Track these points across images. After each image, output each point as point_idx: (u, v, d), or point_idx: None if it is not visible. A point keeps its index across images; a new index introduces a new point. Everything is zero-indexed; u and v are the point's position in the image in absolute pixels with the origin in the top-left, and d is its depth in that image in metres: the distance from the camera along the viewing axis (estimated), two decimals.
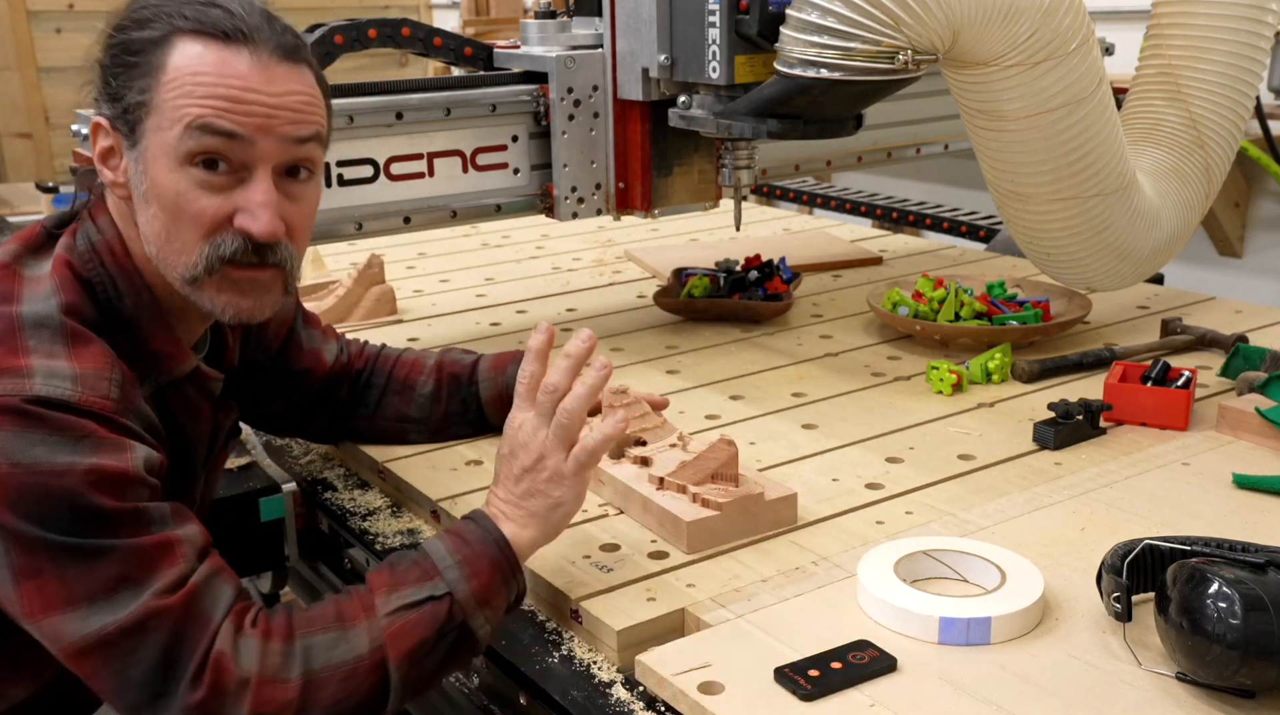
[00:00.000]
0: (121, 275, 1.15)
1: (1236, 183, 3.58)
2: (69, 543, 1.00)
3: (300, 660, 1.04)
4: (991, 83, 1.66)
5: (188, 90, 1.08)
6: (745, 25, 1.63)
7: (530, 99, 1.84)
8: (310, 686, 1.03)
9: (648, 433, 1.46)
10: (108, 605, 1.00)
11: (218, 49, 1.09)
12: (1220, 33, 1.82)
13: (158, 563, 1.02)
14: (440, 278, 2.53)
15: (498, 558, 1.12)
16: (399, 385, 1.57)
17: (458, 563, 1.11)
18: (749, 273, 2.19)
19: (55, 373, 1.04)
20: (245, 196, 1.11)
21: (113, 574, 1.01)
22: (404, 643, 1.07)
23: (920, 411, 1.68)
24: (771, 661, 1.04)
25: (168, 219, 1.11)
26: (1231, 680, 0.95)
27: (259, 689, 1.01)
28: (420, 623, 1.08)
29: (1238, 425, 1.54)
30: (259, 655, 1.03)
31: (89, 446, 1.02)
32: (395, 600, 1.08)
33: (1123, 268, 1.89)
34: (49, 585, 1.00)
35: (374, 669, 1.06)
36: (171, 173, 1.09)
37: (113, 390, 1.06)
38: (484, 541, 1.13)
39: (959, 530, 1.30)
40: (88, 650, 1.01)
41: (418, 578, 1.10)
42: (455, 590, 1.09)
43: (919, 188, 4.33)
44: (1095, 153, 1.72)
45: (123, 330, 1.14)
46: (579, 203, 1.89)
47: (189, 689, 1.00)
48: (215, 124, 1.08)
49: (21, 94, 5.36)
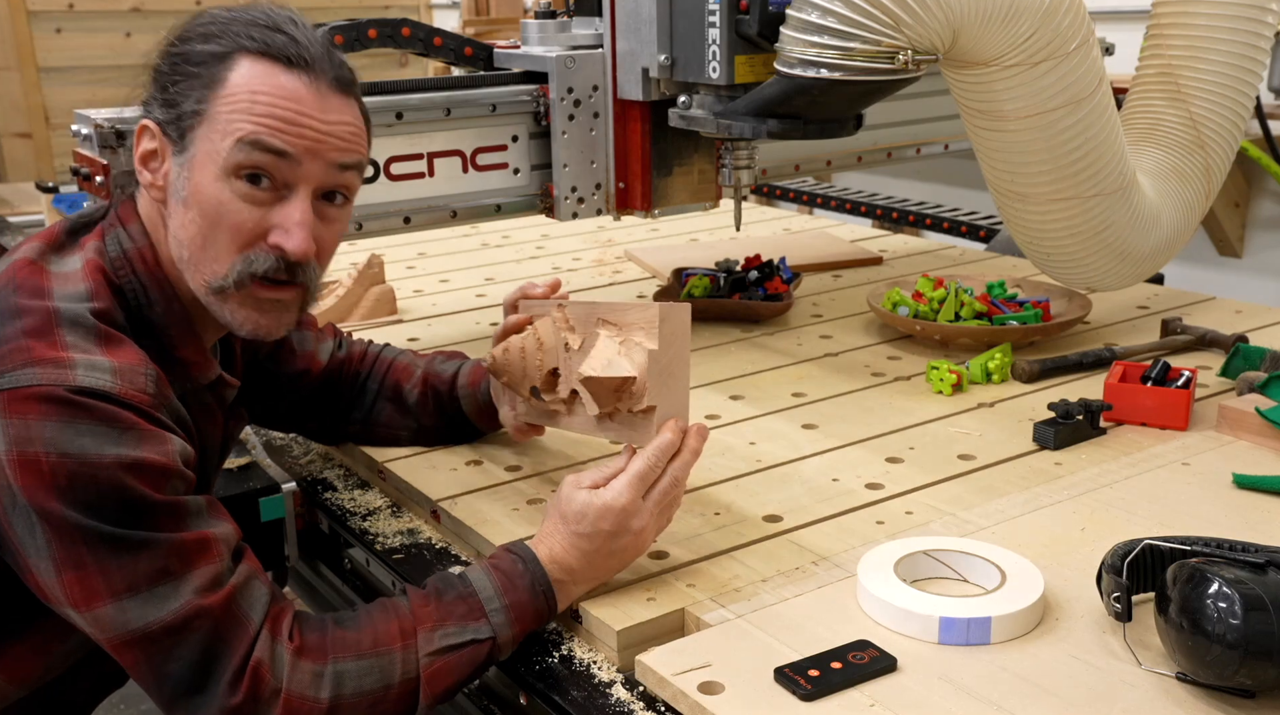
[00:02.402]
0: (153, 283, 1.18)
1: (1236, 183, 3.58)
2: (114, 534, 1.02)
3: (331, 684, 1.06)
4: (991, 83, 1.66)
5: (245, 106, 1.12)
6: (745, 25, 1.63)
7: (530, 99, 1.84)
8: (337, 709, 1.06)
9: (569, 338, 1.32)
10: (148, 599, 1.03)
11: (278, 72, 1.13)
12: (1220, 33, 1.82)
13: (196, 559, 1.05)
14: (440, 278, 2.53)
15: (542, 610, 1.14)
16: (390, 391, 1.57)
17: (504, 607, 1.12)
18: (749, 273, 2.19)
19: (95, 366, 1.06)
20: (283, 214, 1.14)
21: (154, 568, 1.03)
22: (441, 682, 1.09)
23: (920, 411, 1.68)
24: (771, 661, 1.04)
25: (205, 225, 1.14)
26: (1231, 680, 0.95)
27: (288, 702, 1.04)
28: (461, 664, 1.10)
29: (1238, 425, 1.54)
30: (290, 671, 1.05)
31: (133, 438, 1.04)
32: (439, 639, 1.10)
33: (1123, 268, 1.89)
34: (91, 576, 1.02)
35: (403, 698, 1.08)
36: (216, 182, 1.12)
37: (149, 385, 1.09)
38: (532, 590, 1.14)
39: (959, 530, 1.30)
40: (130, 643, 1.03)
41: (463, 615, 1.11)
42: (498, 634, 1.11)
43: (919, 188, 4.33)
44: (1095, 153, 1.72)
45: (151, 337, 1.17)
46: (579, 203, 1.89)
47: (228, 691, 1.03)
48: (266, 141, 1.12)
49: (21, 94, 5.36)
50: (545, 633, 1.20)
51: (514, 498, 1.43)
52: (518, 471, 1.51)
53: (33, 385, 1.03)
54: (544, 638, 1.19)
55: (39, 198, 3.79)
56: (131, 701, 2.81)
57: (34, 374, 1.03)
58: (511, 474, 1.50)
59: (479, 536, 1.34)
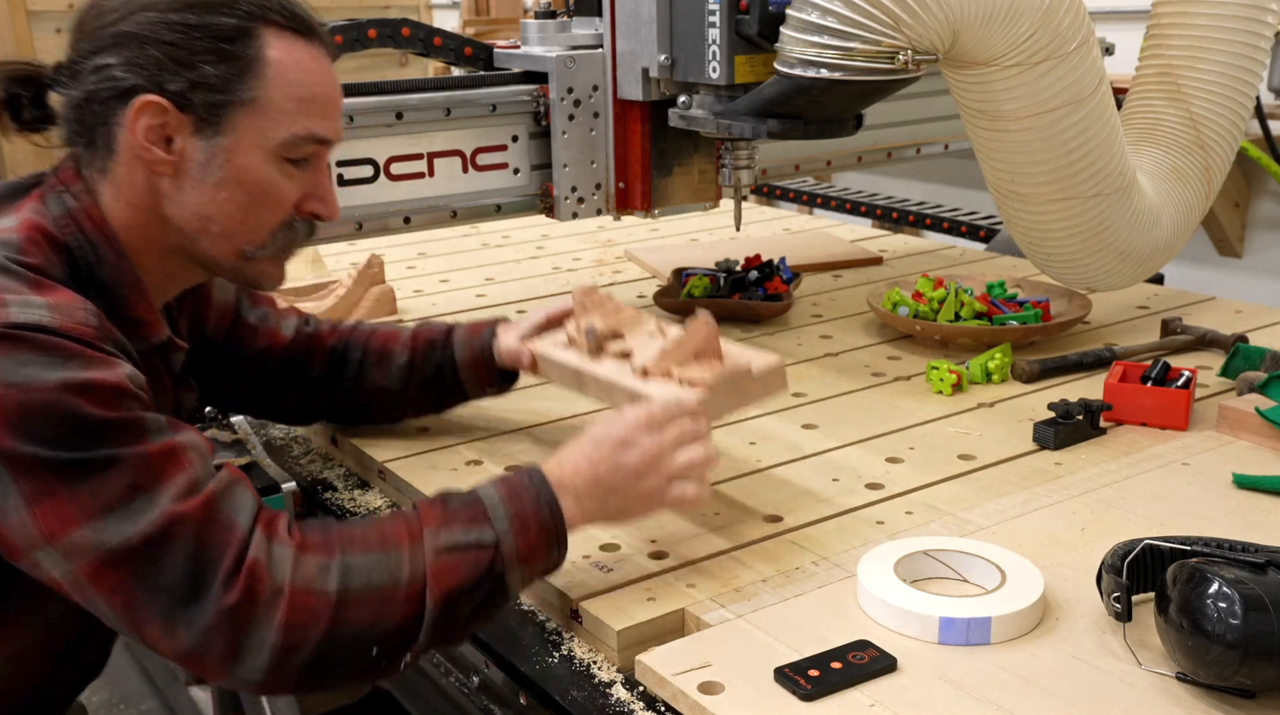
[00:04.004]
0: (102, 241, 1.16)
1: (1236, 183, 3.58)
2: (76, 458, 0.99)
3: (338, 576, 1.04)
4: (991, 83, 1.66)
5: (297, 94, 1.16)
6: (745, 25, 1.63)
7: (530, 99, 1.84)
8: (345, 604, 1.03)
9: (624, 326, 1.44)
10: (124, 515, 1.00)
11: (304, 45, 1.18)
12: (1220, 33, 1.82)
13: (166, 469, 1.02)
14: (440, 278, 2.53)
15: (547, 522, 1.13)
16: (376, 357, 1.55)
17: (508, 515, 1.11)
18: (749, 273, 2.19)
19: (29, 303, 1.04)
20: (315, 183, 1.22)
21: (124, 483, 1.00)
22: (445, 581, 1.07)
23: (920, 411, 1.68)
24: (771, 661, 1.04)
25: (249, 202, 1.18)
26: (1231, 680, 0.95)
27: (293, 598, 1.02)
28: (464, 565, 1.08)
29: (1238, 425, 1.54)
30: (293, 565, 1.03)
31: (79, 363, 1.02)
32: (444, 537, 1.08)
33: (1123, 268, 1.89)
34: (62, 503, 0.99)
35: (410, 599, 1.06)
36: (265, 164, 1.17)
37: (90, 318, 1.07)
38: (537, 502, 1.13)
39: (959, 530, 1.30)
40: (112, 562, 1.00)
41: (468, 520, 1.10)
42: (502, 542, 1.10)
43: (919, 188, 4.34)
44: (1095, 153, 1.72)
45: (102, 296, 1.14)
46: (579, 203, 1.89)
47: (222, 593, 1.00)
48: (321, 135, 1.19)
49: None
50: (545, 633, 1.20)
51: None
52: None
53: None
54: (544, 638, 1.19)
55: None
56: (132, 701, 2.81)
57: None
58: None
59: None
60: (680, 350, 1.33)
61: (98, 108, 1.15)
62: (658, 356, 1.34)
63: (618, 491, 1.17)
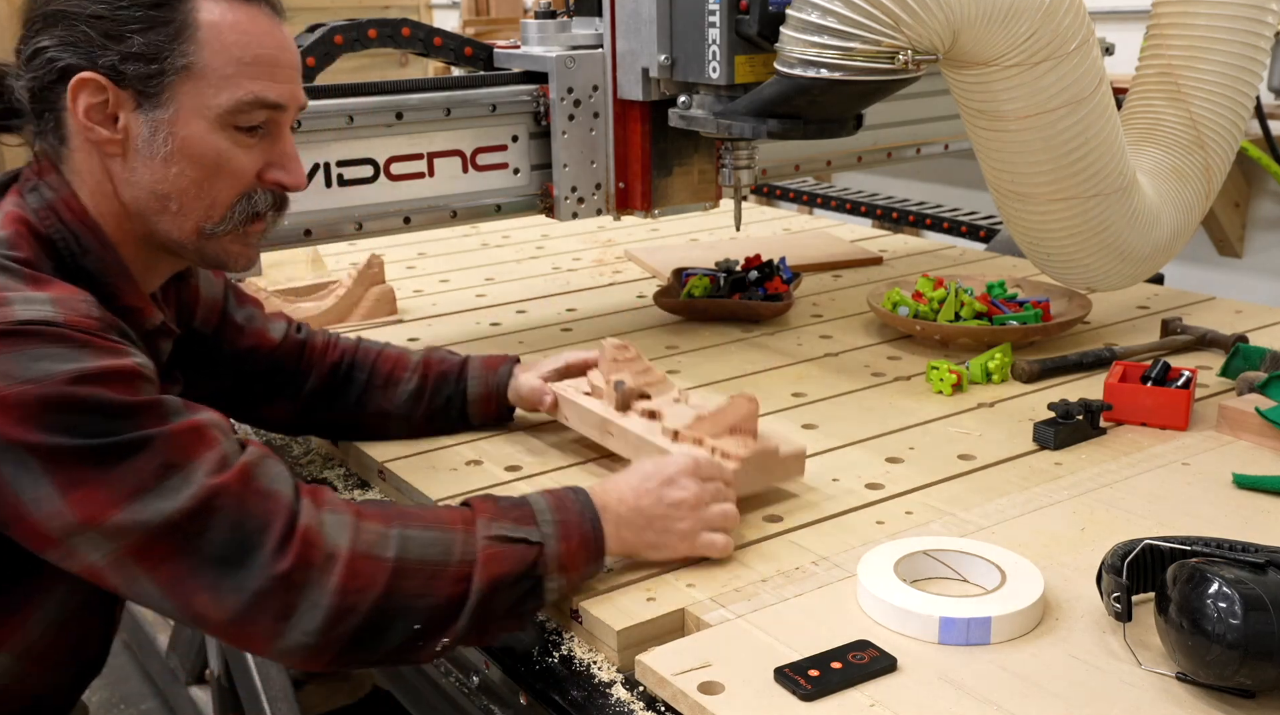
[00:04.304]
0: (84, 230, 1.16)
1: (1236, 183, 3.58)
2: (104, 443, 1.00)
3: (396, 545, 1.06)
4: (991, 83, 1.66)
5: (235, 55, 1.12)
6: (745, 25, 1.63)
7: (530, 99, 1.84)
8: (400, 573, 1.05)
9: (651, 387, 1.49)
10: (160, 493, 1.00)
11: (241, 7, 1.14)
12: (1220, 33, 1.82)
13: (195, 447, 1.03)
14: (440, 278, 2.53)
15: (589, 535, 1.16)
16: (382, 381, 1.56)
17: (554, 522, 1.14)
18: (749, 273, 2.19)
19: (31, 300, 1.04)
20: (276, 151, 1.19)
21: (156, 463, 1.01)
22: (493, 569, 1.09)
23: (920, 411, 1.68)
24: (771, 661, 1.04)
25: (201, 176, 1.15)
26: (1231, 680, 0.95)
27: (351, 563, 1.03)
28: (511, 557, 1.10)
29: (1238, 425, 1.54)
30: (352, 532, 1.05)
31: (90, 353, 1.02)
32: (495, 529, 1.11)
33: (1123, 268, 1.89)
34: (97, 488, 0.99)
35: (458, 580, 1.07)
36: (212, 134, 1.14)
37: (92, 309, 1.07)
38: (581, 516, 1.16)
39: (959, 530, 1.30)
40: (156, 538, 1.00)
41: (517, 519, 1.13)
42: (546, 545, 1.12)
43: (919, 188, 4.34)
44: (1095, 153, 1.72)
45: (89, 286, 1.13)
46: (579, 203, 1.89)
47: (273, 560, 1.01)
48: (267, 98, 1.15)
49: None
50: (545, 633, 1.20)
51: None
52: (518, 472, 1.51)
53: None
54: (544, 638, 1.19)
55: None
56: (132, 701, 2.81)
57: None
58: (511, 474, 1.50)
59: None
60: (717, 421, 1.38)
61: (44, 93, 1.14)
62: (694, 422, 1.38)
63: (655, 526, 1.20)
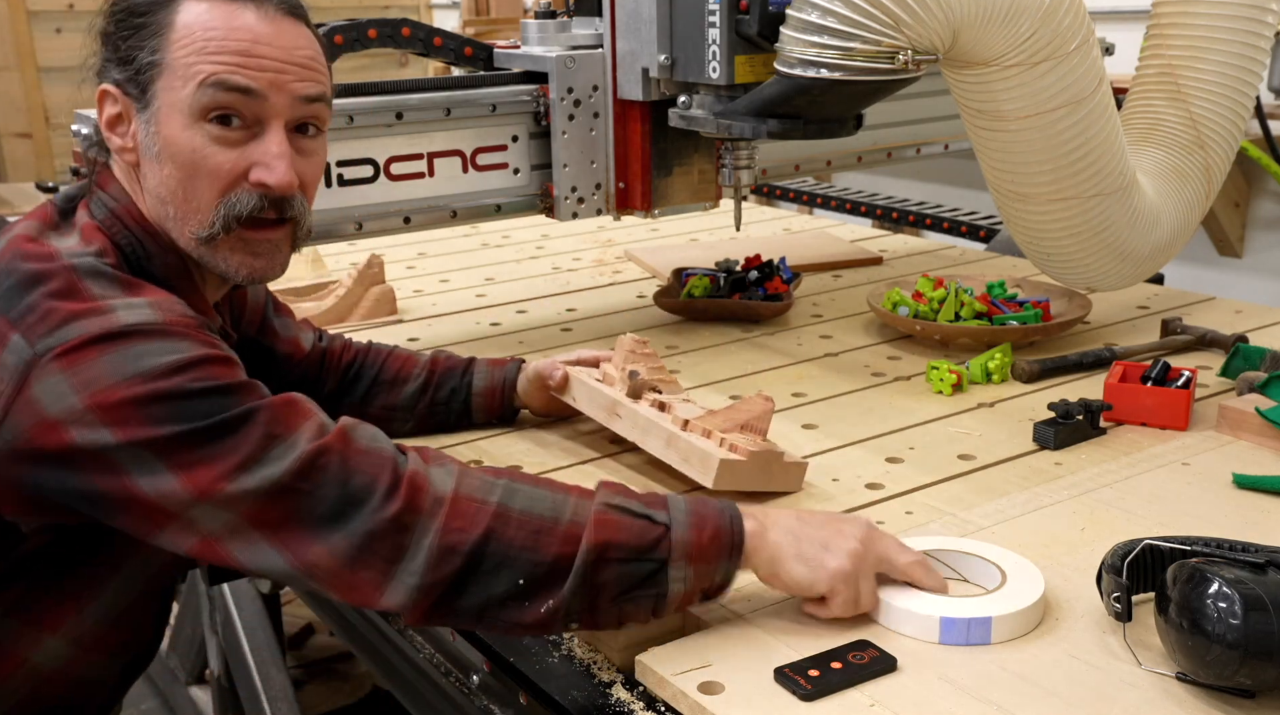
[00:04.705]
0: (146, 237, 1.18)
1: (1236, 183, 3.58)
2: (210, 423, 1.02)
3: (502, 492, 1.05)
4: (991, 83, 1.66)
5: (199, 46, 1.11)
6: (745, 25, 1.63)
7: (530, 99, 1.84)
8: (503, 518, 1.03)
9: (662, 386, 1.51)
10: (265, 462, 1.02)
11: (222, 5, 1.13)
12: (1220, 33, 1.82)
13: (293, 418, 1.05)
14: (440, 278, 2.53)
15: (725, 530, 1.08)
16: (390, 377, 1.57)
17: (687, 511, 1.08)
18: (749, 273, 2.19)
19: (133, 306, 1.07)
20: (261, 149, 1.14)
21: (260, 435, 1.03)
22: (605, 532, 1.04)
23: (920, 411, 1.68)
24: (771, 661, 1.04)
25: (183, 177, 1.14)
26: (1231, 680, 0.95)
27: (455, 503, 1.03)
28: (628, 528, 1.05)
29: (1238, 425, 1.54)
30: (458, 478, 1.05)
31: (190, 344, 1.05)
32: (616, 500, 1.07)
33: (1123, 268, 1.89)
34: (210, 464, 1.02)
35: (566, 540, 1.04)
36: (186, 129, 1.12)
37: (187, 309, 1.11)
38: (720, 512, 1.09)
39: (959, 530, 1.30)
40: (269, 502, 1.02)
41: (647, 500, 1.09)
42: (674, 528, 1.06)
43: (919, 188, 4.33)
44: (1095, 153, 1.72)
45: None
46: (579, 203, 1.89)
47: (382, 504, 1.02)
48: (230, 79, 1.11)
49: (21, 94, 5.36)
50: None
51: None
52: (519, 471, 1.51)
53: (83, 336, 1.03)
54: (544, 638, 1.19)
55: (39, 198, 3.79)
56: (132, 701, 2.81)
57: (79, 327, 1.04)
58: None
59: None
60: (730, 416, 1.40)
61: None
62: (706, 415, 1.40)
63: (811, 538, 1.10)
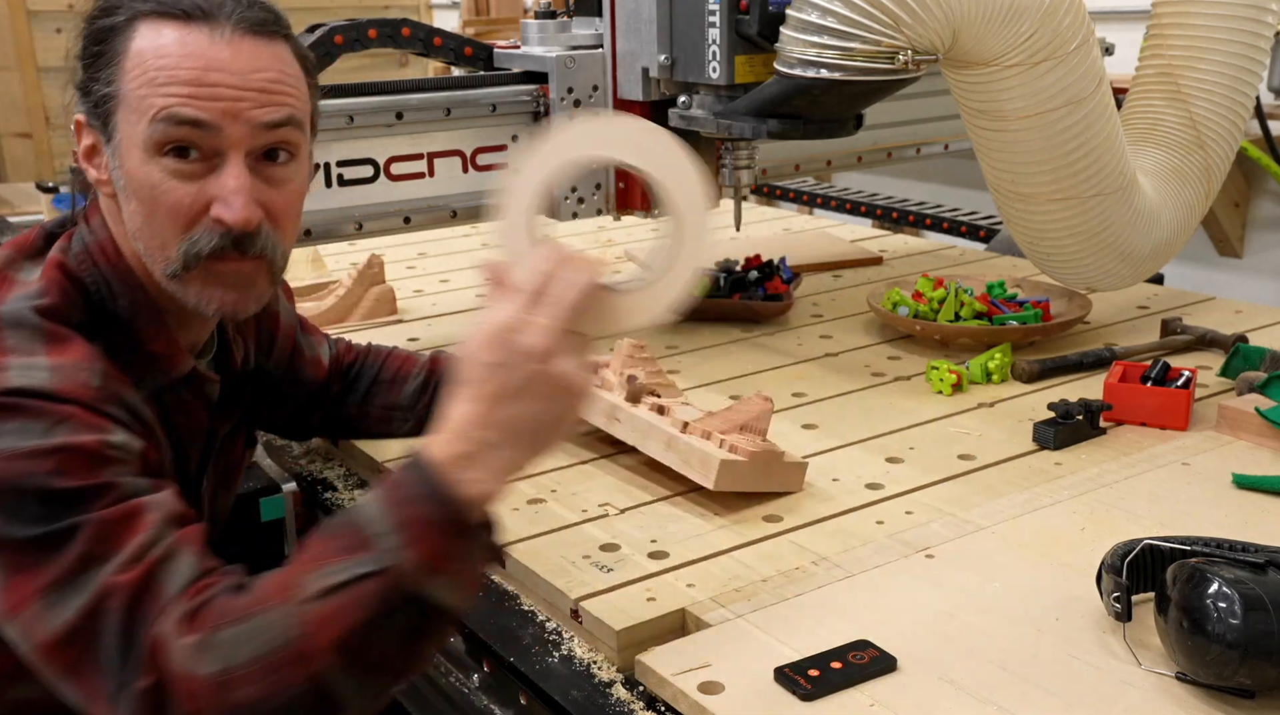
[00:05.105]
0: (115, 276, 1.13)
1: (1236, 183, 3.58)
2: (38, 535, 0.94)
3: (215, 656, 0.91)
4: (992, 83, 1.66)
5: (150, 77, 1.05)
6: (745, 25, 1.63)
7: (530, 99, 1.84)
8: (227, 685, 0.90)
9: (661, 390, 1.51)
10: (73, 588, 0.93)
11: (176, 29, 1.06)
12: (1220, 33, 1.82)
13: (121, 535, 0.95)
14: (440, 278, 2.53)
15: (442, 518, 0.92)
16: (390, 376, 1.55)
17: (393, 527, 0.92)
18: (749, 273, 2.19)
19: (32, 366, 1.01)
20: (218, 184, 1.07)
21: (77, 554, 0.94)
22: (333, 631, 0.90)
23: (920, 411, 1.68)
24: (771, 661, 1.04)
25: (146, 213, 1.08)
26: (1231, 680, 0.95)
27: (181, 684, 0.90)
28: (350, 607, 0.90)
29: (1238, 425, 1.54)
30: (178, 648, 0.91)
31: (66, 429, 0.97)
32: (318, 580, 0.91)
33: (1123, 268, 1.89)
34: (24, 579, 0.94)
35: (299, 661, 0.90)
36: (144, 165, 1.07)
37: (93, 378, 1.03)
38: (422, 499, 0.92)
39: (959, 530, 1.30)
40: (60, 641, 0.93)
41: (347, 549, 0.92)
42: (393, 562, 0.91)
43: (919, 188, 4.33)
44: (1095, 153, 1.72)
45: (118, 332, 1.12)
46: (579, 203, 1.89)
47: (136, 674, 0.91)
48: (179, 113, 1.04)
49: (21, 94, 5.36)
50: (545, 633, 1.20)
51: (514, 498, 1.43)
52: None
53: None
54: (544, 638, 1.19)
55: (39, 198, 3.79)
56: None
57: None
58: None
59: None
60: (729, 417, 1.40)
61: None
62: (705, 417, 1.41)
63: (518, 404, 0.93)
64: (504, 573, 1.30)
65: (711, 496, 1.39)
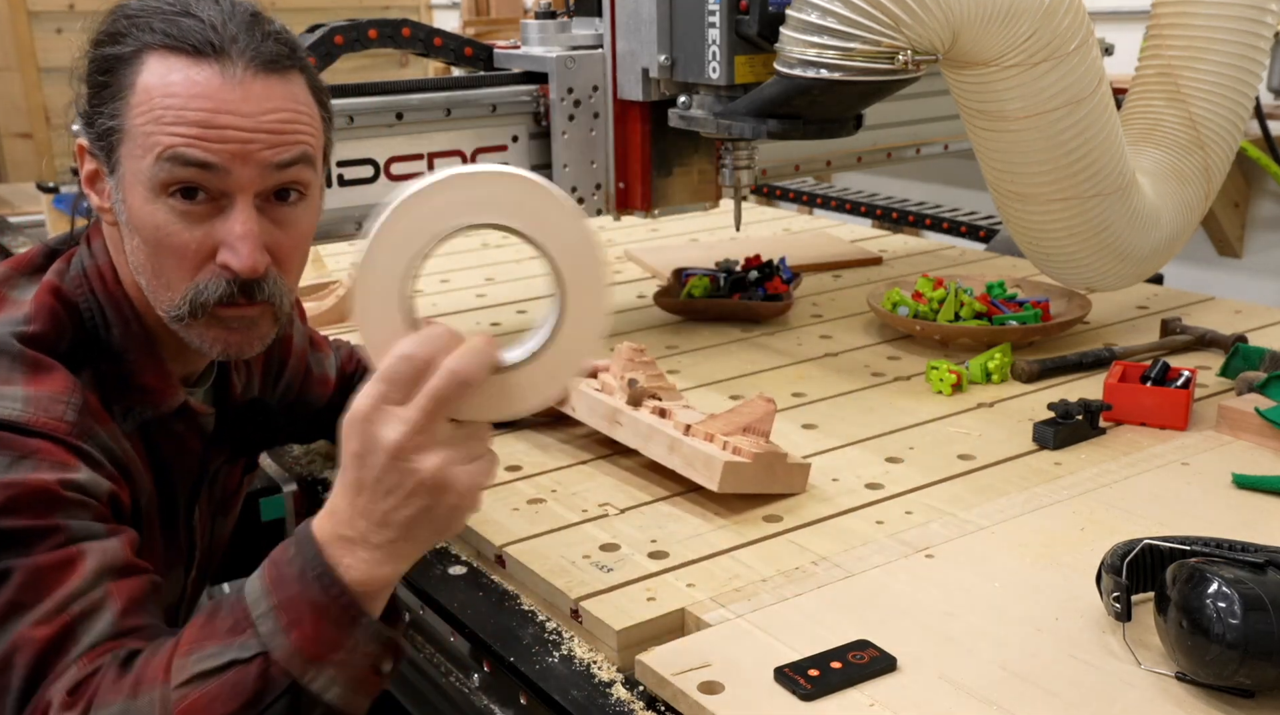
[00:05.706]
0: (110, 304, 1.10)
1: (1236, 183, 3.58)
2: None
3: None
4: (991, 83, 1.66)
5: (157, 115, 1.01)
6: (745, 25, 1.63)
7: (530, 99, 1.84)
8: None
9: (661, 393, 1.51)
10: None
11: (186, 66, 1.02)
12: (1220, 33, 1.82)
13: (51, 585, 0.92)
14: (440, 278, 2.53)
15: (323, 602, 0.87)
16: None
17: (272, 609, 0.88)
18: (749, 273, 2.19)
19: (6, 396, 0.98)
20: (225, 228, 1.03)
21: (6, 600, 0.91)
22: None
23: (920, 411, 1.68)
24: (771, 661, 1.04)
25: (150, 252, 1.05)
26: (1231, 680, 0.95)
27: None
28: (220, 696, 0.86)
29: (1237, 425, 1.54)
30: None
31: (27, 466, 0.94)
32: (192, 665, 0.87)
33: (1122, 268, 1.89)
34: None
35: None
36: (149, 203, 1.03)
37: (68, 412, 1.00)
38: (303, 580, 0.88)
39: (959, 530, 1.30)
40: None
41: (227, 631, 0.88)
42: (270, 647, 0.87)
43: (919, 188, 4.33)
44: (1095, 153, 1.72)
45: (109, 361, 1.09)
46: (579, 203, 1.89)
47: None
48: (187, 154, 1.01)
49: (21, 94, 5.36)
50: (545, 633, 1.20)
51: (514, 498, 1.43)
52: (518, 471, 1.51)
53: None
54: (544, 638, 1.19)
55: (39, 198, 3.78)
56: None
57: None
58: (511, 474, 1.50)
59: (478, 536, 1.34)
60: (731, 419, 1.40)
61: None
62: (707, 419, 1.41)
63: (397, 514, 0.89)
64: (504, 573, 1.30)
65: (711, 496, 1.39)
